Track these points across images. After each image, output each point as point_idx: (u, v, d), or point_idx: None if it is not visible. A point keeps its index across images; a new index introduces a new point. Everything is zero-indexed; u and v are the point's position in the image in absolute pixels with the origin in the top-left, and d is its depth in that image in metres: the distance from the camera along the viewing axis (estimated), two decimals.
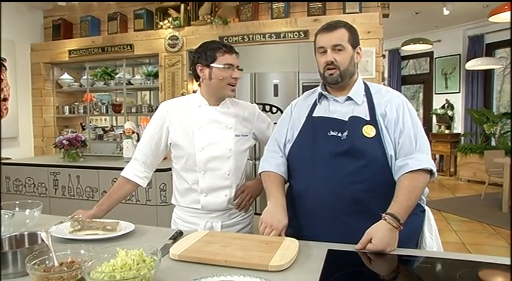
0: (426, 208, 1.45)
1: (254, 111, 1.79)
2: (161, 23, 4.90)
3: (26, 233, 1.17)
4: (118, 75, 5.14)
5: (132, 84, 5.09)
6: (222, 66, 1.58)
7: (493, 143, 7.38)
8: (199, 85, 1.71)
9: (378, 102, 1.42)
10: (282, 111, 4.78)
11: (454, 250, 3.78)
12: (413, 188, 1.28)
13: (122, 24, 5.03)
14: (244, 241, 1.24)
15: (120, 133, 4.86)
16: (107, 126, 5.53)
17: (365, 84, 1.50)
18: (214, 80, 1.61)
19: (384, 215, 1.22)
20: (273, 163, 1.52)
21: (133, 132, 3.38)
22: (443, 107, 8.01)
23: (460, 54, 7.80)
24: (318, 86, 1.56)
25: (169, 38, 4.83)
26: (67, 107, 5.18)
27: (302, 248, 1.20)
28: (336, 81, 1.42)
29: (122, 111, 5.10)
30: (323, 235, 1.29)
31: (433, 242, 1.39)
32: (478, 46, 7.49)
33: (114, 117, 5.67)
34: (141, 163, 1.69)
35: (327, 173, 1.34)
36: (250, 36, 4.73)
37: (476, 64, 6.60)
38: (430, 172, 1.32)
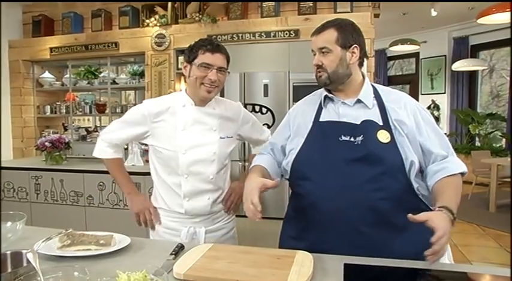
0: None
1: (239, 111, 1.72)
2: (147, 21, 4.75)
3: (8, 252, 1.04)
4: (102, 74, 4.97)
5: (117, 83, 4.93)
6: (199, 64, 1.51)
7: (477, 143, 7.48)
8: (185, 82, 1.64)
9: (390, 107, 1.34)
10: (272, 112, 4.73)
11: None
12: (457, 186, 1.24)
13: (107, 21, 4.85)
14: (252, 255, 1.14)
15: None
16: (90, 127, 5.35)
17: (372, 86, 1.42)
18: (191, 78, 1.55)
19: (437, 208, 1.14)
20: (256, 160, 1.51)
21: None
22: (429, 107, 8.08)
23: (445, 56, 7.88)
24: (308, 86, 1.50)
25: (156, 36, 4.69)
26: (48, 106, 4.98)
27: (316, 262, 1.11)
28: (324, 83, 1.38)
29: (107, 112, 4.93)
30: (341, 248, 1.20)
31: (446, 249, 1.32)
32: (463, 47, 7.57)
33: (97, 118, 5.50)
34: (112, 147, 1.69)
35: (343, 181, 1.25)
36: (240, 35, 4.63)
37: (462, 65, 6.67)
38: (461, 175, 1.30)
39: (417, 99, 8.55)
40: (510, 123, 6.71)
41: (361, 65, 1.41)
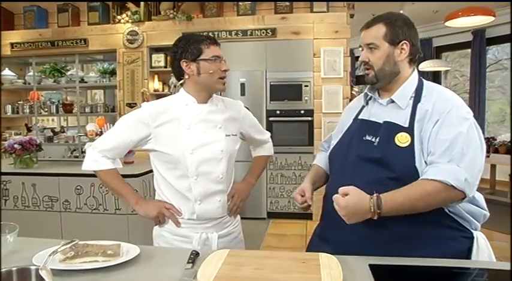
0: (477, 234, 1.22)
1: (240, 109, 1.67)
2: (119, 17, 4.56)
3: (14, 269, 0.92)
4: (69, 72, 4.72)
5: (86, 82, 4.70)
6: (210, 58, 1.46)
7: None
8: (181, 84, 1.54)
9: (421, 106, 1.23)
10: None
11: None
12: (417, 190, 1.10)
13: (74, 16, 4.62)
14: (275, 260, 1.09)
15: (76, 136, 4.47)
16: (56, 128, 5.08)
17: (419, 84, 1.30)
18: (204, 75, 1.47)
19: (375, 193, 1.11)
20: (316, 158, 1.60)
21: (96, 134, 3.06)
22: None
23: None
24: (286, 85, 1.51)
25: (128, 33, 4.51)
26: (9, 106, 4.68)
27: (340, 264, 1.07)
28: (371, 81, 1.31)
29: (74, 111, 4.70)
30: (337, 243, 1.24)
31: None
32: (427, 49, 7.87)
33: (63, 118, 5.23)
34: (109, 157, 1.52)
35: (350, 179, 1.22)
36: (215, 33, 4.53)
37: (428, 66, 6.92)
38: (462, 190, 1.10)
39: None
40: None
41: (412, 62, 1.31)
